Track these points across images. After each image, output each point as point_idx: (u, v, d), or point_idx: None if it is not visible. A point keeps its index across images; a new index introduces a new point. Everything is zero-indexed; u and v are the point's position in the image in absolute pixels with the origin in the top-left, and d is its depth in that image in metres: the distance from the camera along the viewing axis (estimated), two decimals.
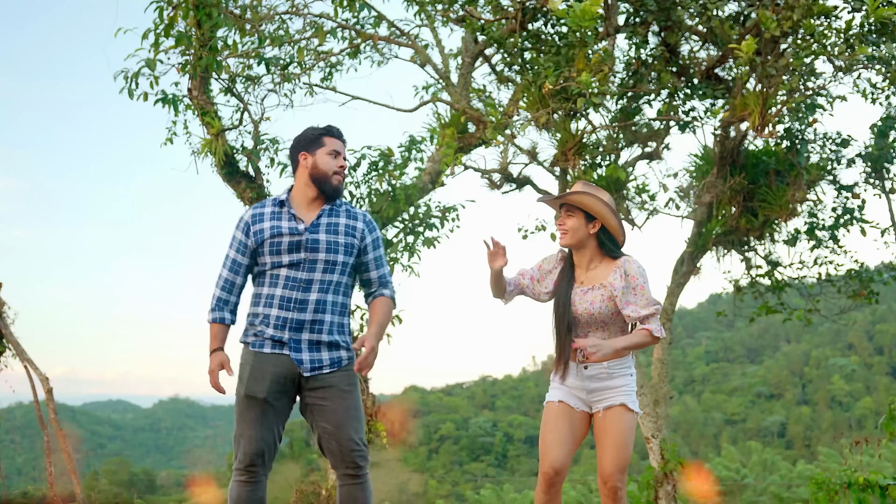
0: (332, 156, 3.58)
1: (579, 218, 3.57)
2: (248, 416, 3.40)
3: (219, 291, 3.53)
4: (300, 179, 3.62)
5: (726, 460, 30.11)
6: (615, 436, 3.52)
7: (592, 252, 3.61)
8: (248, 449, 3.37)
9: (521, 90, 7.55)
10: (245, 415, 3.41)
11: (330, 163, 3.57)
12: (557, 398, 3.61)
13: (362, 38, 8.68)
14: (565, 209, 3.59)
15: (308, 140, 3.61)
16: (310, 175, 3.57)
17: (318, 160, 3.56)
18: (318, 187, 3.57)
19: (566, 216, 3.58)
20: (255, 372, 3.40)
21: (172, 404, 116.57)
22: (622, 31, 7.85)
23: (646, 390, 8.60)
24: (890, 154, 8.63)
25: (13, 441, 65.45)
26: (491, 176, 9.17)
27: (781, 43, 7.17)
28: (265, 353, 3.42)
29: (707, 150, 8.62)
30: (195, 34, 7.07)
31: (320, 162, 3.56)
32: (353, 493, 3.42)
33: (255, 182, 8.02)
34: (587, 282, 3.61)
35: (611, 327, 3.63)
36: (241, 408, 3.43)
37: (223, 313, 3.53)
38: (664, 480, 8.36)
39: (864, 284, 9.00)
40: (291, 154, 3.67)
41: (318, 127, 3.66)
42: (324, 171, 3.56)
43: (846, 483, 7.32)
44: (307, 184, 3.58)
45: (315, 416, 3.44)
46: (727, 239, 8.72)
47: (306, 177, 3.58)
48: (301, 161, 3.60)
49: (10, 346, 8.09)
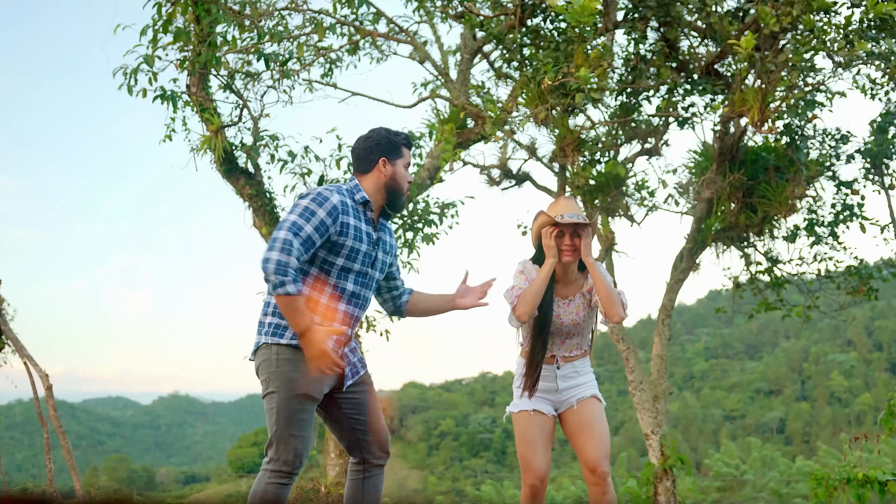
0: (406, 168, 3.48)
1: (585, 237, 3.61)
2: (301, 417, 3.23)
3: (293, 260, 3.09)
4: (371, 184, 3.43)
5: (726, 456, 30.16)
6: (595, 423, 3.64)
7: (576, 265, 3.72)
8: (301, 451, 3.22)
9: (520, 86, 7.54)
10: (298, 415, 3.22)
11: (406, 177, 3.47)
12: (531, 407, 3.68)
13: (361, 34, 8.67)
14: (572, 230, 3.63)
15: (390, 146, 3.44)
16: (385, 184, 3.42)
17: (397, 171, 3.43)
18: (388, 198, 3.44)
19: (574, 237, 3.62)
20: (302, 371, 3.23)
21: (172, 401, 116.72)
22: (621, 26, 7.84)
23: (645, 386, 8.60)
24: (889, 150, 8.63)
25: (13, 438, 65.38)
26: (490, 172, 9.17)
27: (781, 39, 7.16)
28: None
29: (706, 146, 8.62)
30: (194, 30, 7.06)
31: (399, 174, 3.44)
32: (376, 483, 3.49)
33: (255, 179, 8.02)
34: (568, 293, 3.72)
35: (584, 333, 3.77)
36: (293, 408, 3.22)
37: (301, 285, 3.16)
38: (663, 476, 8.37)
39: (863, 281, 9.01)
40: (366, 154, 3.44)
41: (396, 132, 3.50)
42: (401, 184, 3.44)
43: (845, 479, 7.32)
44: (378, 191, 3.43)
45: (348, 410, 3.45)
46: (726, 235, 8.72)
47: (381, 184, 3.42)
48: (380, 166, 3.42)
49: (10, 343, 8.09)
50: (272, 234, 3.17)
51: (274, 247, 3.08)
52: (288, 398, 3.21)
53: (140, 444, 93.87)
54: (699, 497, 9.61)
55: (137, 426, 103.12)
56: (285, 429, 3.20)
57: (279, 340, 3.25)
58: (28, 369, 7.98)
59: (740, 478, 27.19)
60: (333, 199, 3.24)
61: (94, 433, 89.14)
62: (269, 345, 3.27)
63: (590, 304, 3.71)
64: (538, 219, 3.69)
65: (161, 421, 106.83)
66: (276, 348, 3.25)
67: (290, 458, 3.20)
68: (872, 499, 7.32)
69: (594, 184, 8.48)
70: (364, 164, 3.44)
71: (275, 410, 3.22)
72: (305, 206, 3.19)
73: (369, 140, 3.46)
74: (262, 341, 3.30)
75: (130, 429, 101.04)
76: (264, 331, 3.31)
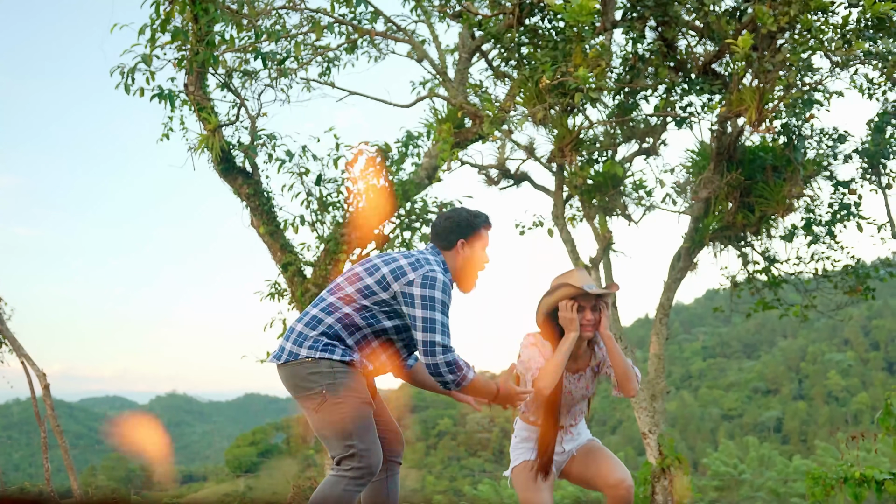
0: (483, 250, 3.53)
1: (605, 311, 3.55)
2: (371, 423, 3.33)
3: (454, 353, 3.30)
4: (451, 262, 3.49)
5: (724, 456, 30.17)
6: (602, 450, 3.67)
7: (585, 340, 3.62)
8: (380, 458, 3.32)
9: (518, 85, 7.54)
10: (369, 421, 3.32)
11: (482, 259, 3.52)
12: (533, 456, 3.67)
13: (359, 33, 8.67)
14: (591, 304, 3.52)
15: (469, 227, 3.48)
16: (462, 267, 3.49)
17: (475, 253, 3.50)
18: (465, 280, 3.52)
19: (593, 311, 3.52)
20: (363, 383, 3.35)
21: (170, 400, 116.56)
22: (619, 26, 7.84)
23: (643, 385, 8.61)
24: (886, 150, 8.64)
25: (10, 437, 65.17)
26: (488, 171, 9.17)
27: (778, 38, 7.16)
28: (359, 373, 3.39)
29: (704, 145, 8.63)
30: (192, 29, 7.06)
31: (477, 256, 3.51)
32: (397, 480, 3.58)
33: (252, 178, 8.02)
34: (579, 367, 3.65)
35: (588, 401, 3.78)
36: (365, 415, 3.31)
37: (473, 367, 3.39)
38: (661, 476, 8.37)
39: (860, 280, 9.02)
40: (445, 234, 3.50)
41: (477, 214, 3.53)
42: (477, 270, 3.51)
43: (842, 478, 7.33)
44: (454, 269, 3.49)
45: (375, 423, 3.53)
46: (724, 234, 8.73)
47: (456, 265, 3.49)
48: (458, 247, 3.48)
49: (7, 343, 8.08)
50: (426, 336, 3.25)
51: (436, 352, 3.25)
52: (359, 407, 3.27)
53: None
54: (697, 496, 9.62)
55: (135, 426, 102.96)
56: (364, 439, 3.26)
57: (331, 356, 3.28)
58: (25, 368, 7.97)
59: (738, 477, 27.22)
60: (450, 286, 3.38)
61: (92, 432, 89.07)
62: (319, 359, 3.28)
63: (596, 376, 3.68)
64: (558, 291, 3.53)
65: (159, 420, 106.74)
66: (329, 362, 3.28)
67: (370, 468, 3.27)
68: (869, 498, 7.33)
69: (592, 183, 8.48)
70: (444, 242, 3.50)
71: (346, 421, 3.26)
72: (443, 302, 3.31)
73: (448, 220, 3.51)
74: (307, 355, 3.30)
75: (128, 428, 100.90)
76: (309, 345, 3.31)
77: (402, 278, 3.31)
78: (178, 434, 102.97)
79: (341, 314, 3.33)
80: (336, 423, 3.27)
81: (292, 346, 3.33)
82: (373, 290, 3.34)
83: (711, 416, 56.39)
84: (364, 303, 3.34)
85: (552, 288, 3.57)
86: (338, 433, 3.27)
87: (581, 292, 3.46)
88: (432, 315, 3.25)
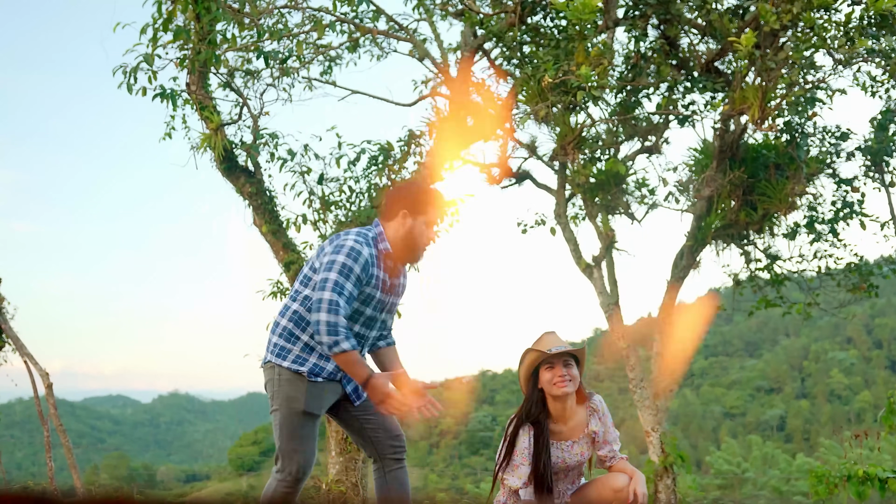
0: (429, 227, 3.53)
1: (575, 367, 3.57)
2: (305, 433, 3.47)
3: (342, 319, 3.28)
4: (392, 232, 3.50)
5: (727, 454, 30.16)
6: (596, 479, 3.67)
7: (573, 401, 3.61)
8: (305, 463, 3.47)
9: (521, 84, 7.54)
10: (302, 431, 3.46)
11: (425, 235, 3.52)
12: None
13: (361, 32, 8.66)
14: (563, 361, 3.54)
15: (415, 201, 3.49)
16: (402, 236, 3.49)
17: (416, 226, 3.49)
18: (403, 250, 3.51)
19: (566, 366, 3.54)
20: (312, 390, 3.46)
21: (172, 399, 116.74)
22: (621, 24, 7.83)
23: (646, 384, 8.61)
24: (889, 147, 8.62)
25: (13, 436, 65.34)
26: (490, 170, 9.16)
27: (781, 36, 7.15)
28: (318, 381, 3.48)
29: (706, 143, 8.62)
30: (194, 28, 7.06)
31: (417, 230, 3.50)
32: (400, 476, 3.62)
33: (255, 177, 8.01)
34: (570, 434, 3.62)
35: (582, 469, 3.72)
36: (297, 424, 3.46)
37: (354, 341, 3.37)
38: (664, 474, 8.37)
39: (863, 278, 9.00)
40: (390, 202, 3.53)
41: (428, 190, 3.56)
42: (418, 241, 3.51)
43: (846, 476, 7.33)
44: (396, 240, 3.50)
45: (356, 413, 3.63)
46: (727, 233, 8.72)
47: (398, 235, 3.49)
48: (399, 217, 3.49)
49: (10, 342, 8.09)
50: (316, 294, 3.29)
51: (321, 308, 3.26)
52: (289, 415, 3.44)
53: (140, 442, 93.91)
54: (699, 494, 9.62)
55: (137, 424, 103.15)
56: (288, 443, 3.45)
57: (281, 363, 3.45)
58: (28, 368, 7.98)
59: (741, 475, 27.21)
60: (364, 252, 3.37)
61: (95, 431, 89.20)
62: (274, 365, 3.47)
63: (593, 444, 3.64)
64: (525, 359, 3.59)
65: (161, 419, 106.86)
66: (279, 369, 3.46)
67: (294, 470, 3.45)
68: (873, 496, 7.32)
69: (594, 181, 8.47)
70: (387, 212, 3.53)
71: (278, 426, 3.47)
72: (343, 264, 3.32)
73: (397, 190, 3.55)
74: (269, 359, 3.50)
75: (130, 427, 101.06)
76: (270, 349, 3.51)
77: (321, 253, 3.43)
78: (181, 433, 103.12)
79: (291, 312, 3.48)
80: (274, 428, 3.52)
81: (265, 351, 3.55)
82: (307, 275, 3.46)
83: (713, 415, 56.36)
84: (305, 292, 3.45)
85: (521, 357, 3.63)
86: (275, 437, 3.53)
87: (543, 355, 3.53)
88: (328, 275, 3.30)
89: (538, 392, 3.57)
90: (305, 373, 3.43)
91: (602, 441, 3.63)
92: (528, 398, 3.60)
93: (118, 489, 29.94)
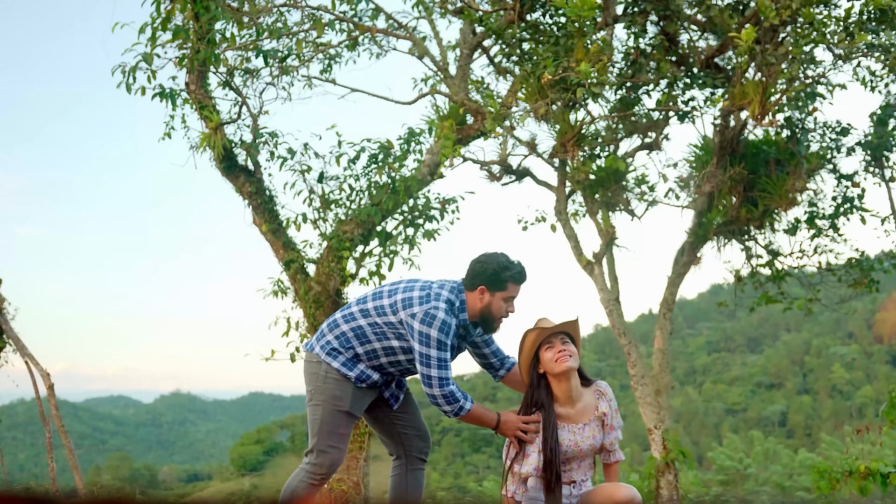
0: (507, 301, 3.65)
1: (573, 344, 3.58)
2: (343, 432, 3.63)
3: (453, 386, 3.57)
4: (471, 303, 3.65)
5: (729, 450, 30.17)
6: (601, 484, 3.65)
7: (577, 381, 3.60)
8: (338, 460, 3.63)
9: (520, 81, 7.53)
10: (338, 429, 3.61)
11: (503, 309, 3.66)
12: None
13: (360, 30, 8.65)
14: (560, 338, 3.56)
15: (495, 279, 3.61)
16: (480, 309, 3.64)
17: (494, 302, 3.63)
18: (480, 321, 3.68)
19: (563, 343, 3.55)
20: (356, 393, 3.63)
21: (173, 399, 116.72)
22: (621, 20, 7.82)
23: (647, 381, 8.60)
24: (889, 142, 8.61)
25: (15, 437, 65.34)
26: (490, 167, 9.15)
27: (781, 31, 7.14)
28: (362, 387, 3.66)
29: (707, 139, 8.61)
30: (192, 27, 7.05)
31: (495, 306, 3.64)
32: (419, 477, 3.80)
33: (255, 176, 8.01)
34: (579, 417, 3.60)
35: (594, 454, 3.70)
36: (339, 423, 3.61)
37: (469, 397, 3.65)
38: (666, 470, 8.37)
39: (864, 273, 8.99)
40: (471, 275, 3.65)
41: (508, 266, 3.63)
42: (494, 315, 3.65)
43: (848, 471, 7.33)
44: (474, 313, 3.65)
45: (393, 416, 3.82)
46: (727, 229, 8.71)
47: (476, 309, 3.64)
48: (477, 293, 3.63)
49: (11, 343, 8.09)
50: (424, 370, 3.52)
51: (433, 385, 3.52)
52: (333, 413, 3.60)
53: (142, 442, 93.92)
54: (702, 490, 9.61)
55: (139, 425, 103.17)
56: (326, 440, 3.60)
57: (332, 362, 3.61)
58: (29, 369, 7.98)
59: (743, 471, 27.20)
60: (451, 325, 3.57)
61: (97, 432, 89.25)
62: (322, 361, 3.63)
63: (604, 427, 3.64)
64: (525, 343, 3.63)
65: (163, 419, 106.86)
66: (327, 367, 3.62)
67: (327, 465, 3.61)
68: (875, 491, 7.33)
69: (594, 178, 8.47)
70: (468, 283, 3.66)
71: (318, 422, 3.61)
72: (439, 340, 3.52)
73: (479, 263, 3.65)
74: (317, 352, 3.65)
75: (132, 427, 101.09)
76: (322, 344, 3.67)
77: (408, 309, 3.56)
78: (183, 433, 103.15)
79: (356, 325, 3.62)
80: (311, 421, 3.64)
81: (314, 341, 3.70)
82: (385, 311, 3.61)
83: (716, 411, 56.36)
84: (376, 320, 3.61)
85: (521, 343, 3.66)
86: (310, 430, 3.65)
87: (542, 332, 3.57)
88: (427, 351, 3.51)
89: (541, 377, 3.58)
90: (353, 378, 3.59)
91: (609, 426, 3.62)
92: (531, 384, 3.61)
93: (120, 490, 29.99)
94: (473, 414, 3.57)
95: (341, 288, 7.90)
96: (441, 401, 3.53)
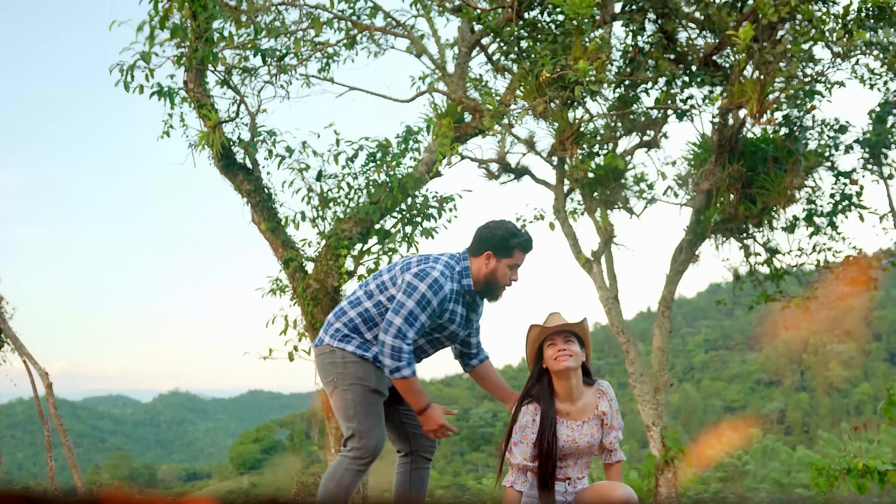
0: (512, 269, 3.63)
1: (577, 345, 3.57)
2: (376, 410, 3.55)
3: (406, 346, 3.46)
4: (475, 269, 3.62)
5: (727, 447, 30.19)
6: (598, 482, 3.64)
7: (578, 379, 3.59)
8: (381, 440, 3.55)
9: (518, 79, 7.52)
10: (373, 409, 3.54)
11: (508, 276, 3.63)
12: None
13: (358, 28, 8.65)
14: (563, 336, 3.56)
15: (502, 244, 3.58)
16: (485, 275, 3.61)
17: (499, 269, 3.61)
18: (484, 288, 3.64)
19: (566, 342, 3.55)
20: (377, 373, 3.55)
21: (172, 398, 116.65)
22: (619, 18, 7.82)
23: (645, 378, 8.61)
24: (888, 140, 8.61)
25: (14, 436, 65.34)
26: (488, 166, 9.15)
27: (779, 29, 7.14)
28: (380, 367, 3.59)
29: (705, 137, 8.61)
30: (190, 26, 7.05)
31: (500, 272, 3.61)
32: (424, 476, 3.79)
33: (253, 174, 8.00)
34: (579, 415, 3.60)
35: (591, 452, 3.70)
36: (371, 401, 3.54)
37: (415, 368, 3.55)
38: (665, 468, 8.37)
39: (862, 271, 8.99)
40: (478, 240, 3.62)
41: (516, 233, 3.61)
42: (499, 281, 3.63)
43: (846, 469, 7.34)
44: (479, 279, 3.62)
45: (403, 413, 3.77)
46: (726, 227, 8.71)
47: (481, 274, 3.61)
48: (483, 258, 3.60)
49: (10, 342, 8.09)
50: (391, 315, 3.43)
51: (389, 331, 3.42)
52: (363, 393, 3.52)
53: (141, 441, 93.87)
54: (700, 488, 9.62)
55: (138, 424, 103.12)
56: (365, 421, 3.51)
57: (346, 347, 3.55)
58: (28, 368, 7.98)
59: (742, 468, 27.23)
60: (446, 288, 3.49)
61: (96, 431, 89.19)
62: (335, 349, 3.56)
63: (603, 425, 3.63)
64: (529, 336, 3.63)
65: (162, 418, 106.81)
66: (343, 353, 3.55)
67: (372, 447, 3.53)
68: (872, 488, 7.33)
69: (593, 176, 8.47)
70: (474, 248, 3.63)
71: (351, 406, 3.52)
72: (423, 294, 3.45)
73: (487, 229, 3.62)
74: (327, 342, 3.59)
75: (131, 426, 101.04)
76: (331, 333, 3.60)
77: (408, 270, 3.52)
78: (182, 432, 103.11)
79: (362, 308, 3.57)
80: (342, 408, 3.54)
81: (322, 333, 3.65)
82: (386, 285, 3.56)
83: (714, 408, 56.41)
84: (380, 298, 3.55)
85: (527, 335, 3.66)
86: (344, 417, 3.55)
87: (543, 330, 3.57)
88: (406, 300, 3.44)
89: (542, 372, 3.59)
90: (371, 358, 3.53)
91: (609, 426, 3.62)
92: (531, 377, 3.63)
93: (118, 488, 29.98)
94: (408, 383, 3.45)
95: (339, 285, 7.90)
96: (387, 350, 3.40)
